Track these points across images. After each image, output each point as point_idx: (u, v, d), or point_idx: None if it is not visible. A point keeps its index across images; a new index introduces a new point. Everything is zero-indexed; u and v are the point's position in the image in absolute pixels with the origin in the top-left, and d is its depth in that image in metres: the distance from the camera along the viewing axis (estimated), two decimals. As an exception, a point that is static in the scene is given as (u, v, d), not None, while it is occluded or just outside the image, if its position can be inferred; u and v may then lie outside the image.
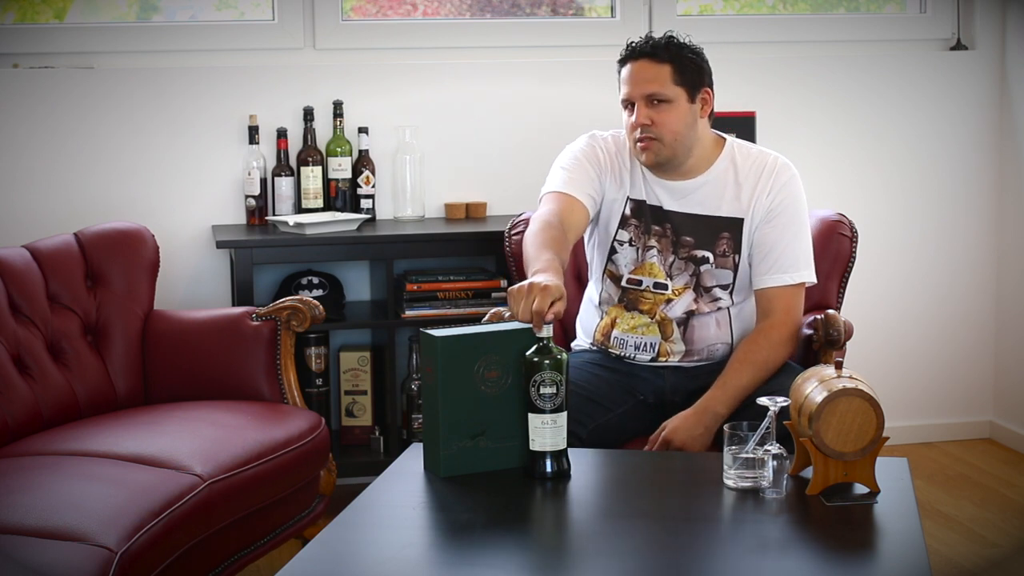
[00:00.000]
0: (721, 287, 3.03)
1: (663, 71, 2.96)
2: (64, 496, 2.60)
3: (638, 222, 3.06)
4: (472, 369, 2.51)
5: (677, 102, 2.97)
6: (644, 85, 2.96)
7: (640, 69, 2.97)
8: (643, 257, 3.05)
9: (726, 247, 3.02)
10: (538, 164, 3.93)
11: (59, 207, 3.97)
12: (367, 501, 2.42)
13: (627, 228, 3.07)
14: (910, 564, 2.13)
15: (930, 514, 3.85)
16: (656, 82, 2.96)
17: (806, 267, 3.03)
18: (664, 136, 2.96)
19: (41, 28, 4.05)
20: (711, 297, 3.03)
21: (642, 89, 2.96)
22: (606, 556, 2.20)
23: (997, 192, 4.58)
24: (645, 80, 2.96)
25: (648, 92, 2.96)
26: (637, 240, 3.06)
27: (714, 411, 2.88)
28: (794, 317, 3.02)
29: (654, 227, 3.05)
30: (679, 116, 2.97)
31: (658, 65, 2.96)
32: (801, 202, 3.04)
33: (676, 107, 2.97)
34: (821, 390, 2.37)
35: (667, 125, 2.96)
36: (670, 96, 2.96)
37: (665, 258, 3.04)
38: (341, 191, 4.06)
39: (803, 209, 3.05)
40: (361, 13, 4.30)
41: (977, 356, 4.64)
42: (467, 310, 3.89)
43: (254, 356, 3.42)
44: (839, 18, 4.59)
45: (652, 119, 2.95)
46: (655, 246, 3.04)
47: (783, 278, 3.00)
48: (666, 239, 3.04)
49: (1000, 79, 4.53)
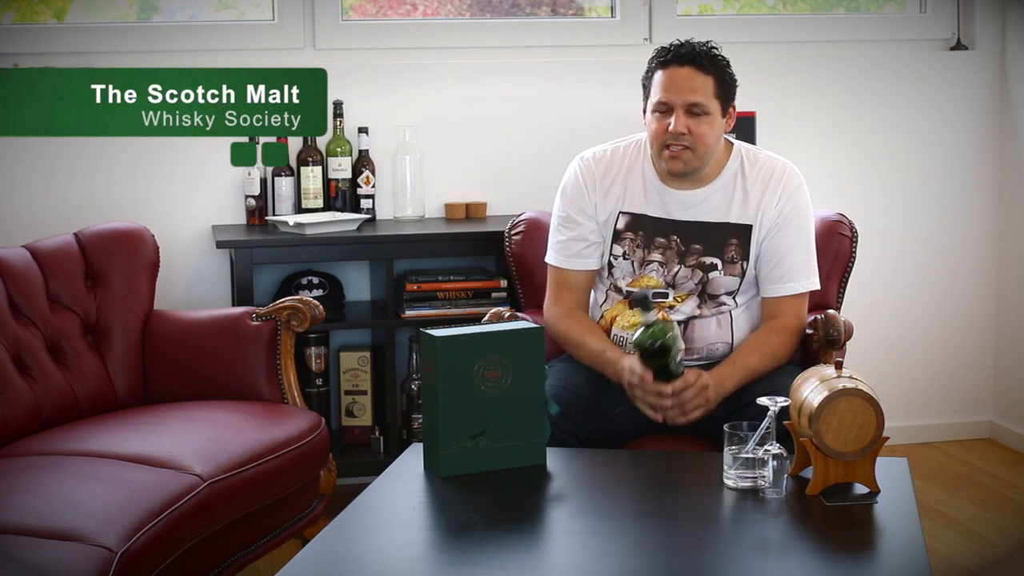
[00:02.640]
0: (727, 294, 3.04)
1: (708, 82, 2.95)
2: (64, 496, 2.60)
3: (634, 235, 3.06)
4: (472, 369, 2.51)
5: (714, 115, 2.97)
6: (688, 93, 2.94)
7: (686, 76, 2.95)
8: (640, 271, 3.05)
9: (734, 253, 3.02)
10: (538, 164, 3.95)
11: (59, 207, 3.97)
12: (367, 501, 2.42)
13: (621, 242, 3.07)
14: (910, 564, 2.13)
15: (930, 514, 3.85)
16: (701, 92, 2.94)
17: (813, 275, 3.08)
18: (698, 147, 2.96)
19: (41, 28, 4.05)
20: (716, 303, 3.04)
21: (685, 97, 2.94)
22: (606, 556, 2.21)
23: (997, 192, 4.58)
24: (691, 88, 2.94)
25: (691, 101, 2.94)
26: (632, 253, 3.06)
27: (721, 385, 2.90)
28: (802, 319, 3.07)
29: (658, 239, 3.05)
30: (713, 129, 2.98)
31: (703, 75, 2.95)
32: (808, 210, 3.07)
33: (713, 120, 2.97)
34: (821, 390, 2.37)
35: (703, 137, 2.96)
36: (710, 108, 2.96)
37: (670, 269, 3.04)
38: (341, 191, 4.06)
39: (810, 217, 3.07)
40: (361, 13, 4.30)
41: (977, 356, 4.64)
42: (467, 310, 3.89)
43: (254, 356, 3.42)
44: (839, 18, 4.58)
45: (690, 128, 2.95)
46: (657, 259, 3.04)
47: (793, 287, 3.03)
48: (671, 250, 3.04)
49: (1000, 79, 4.53)
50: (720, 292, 3.03)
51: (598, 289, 3.14)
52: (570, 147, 3.31)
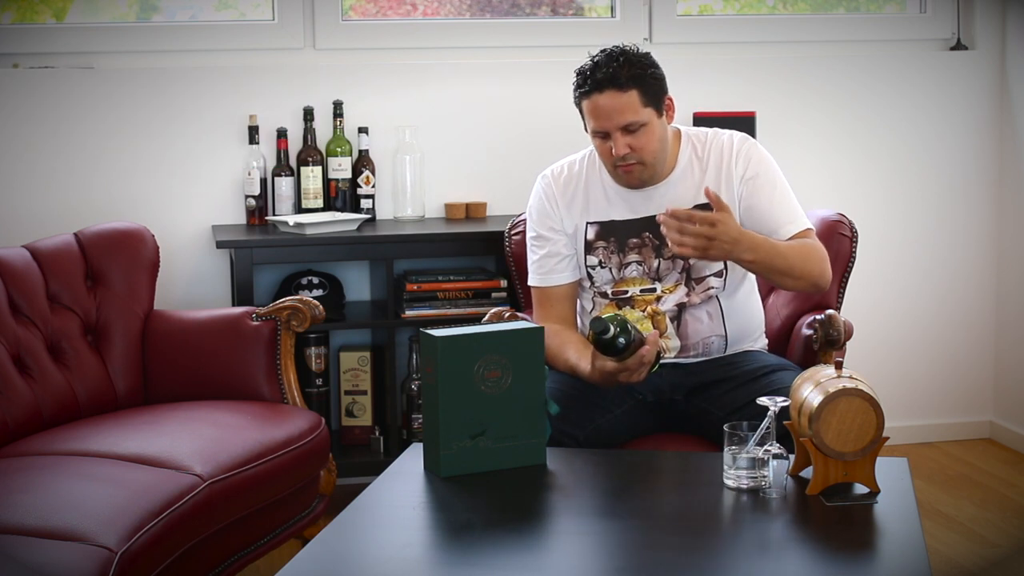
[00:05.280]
0: (714, 275, 3.03)
1: (632, 98, 2.91)
2: (64, 496, 2.60)
3: (606, 243, 3.06)
4: (472, 369, 2.51)
5: (650, 123, 2.95)
6: (617, 117, 2.92)
7: (608, 101, 2.91)
8: (621, 274, 3.05)
9: None
10: (538, 164, 3.92)
11: (59, 207, 3.97)
12: (367, 501, 2.42)
13: (594, 253, 3.07)
14: (910, 564, 2.13)
15: (930, 514, 3.85)
16: (629, 111, 2.91)
17: (800, 216, 3.02)
18: (645, 158, 2.96)
19: (41, 28, 4.05)
20: (704, 286, 3.03)
21: (616, 121, 2.92)
22: (606, 556, 2.21)
23: (997, 192, 4.58)
24: (616, 111, 2.91)
25: (623, 123, 2.92)
26: (608, 261, 3.05)
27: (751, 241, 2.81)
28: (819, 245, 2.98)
29: (631, 240, 3.04)
30: (655, 135, 2.96)
31: (625, 93, 2.91)
32: (769, 163, 3.04)
33: (651, 127, 2.95)
34: (821, 390, 2.37)
35: (647, 147, 2.95)
36: (644, 119, 2.93)
37: (650, 265, 3.03)
38: (341, 191, 4.06)
39: (774, 168, 3.05)
40: (361, 13, 4.30)
41: (977, 356, 4.64)
42: (467, 310, 3.89)
43: (254, 356, 3.42)
44: (839, 18, 4.59)
45: (631, 146, 2.94)
46: (635, 259, 3.04)
47: (788, 229, 2.97)
48: (647, 247, 3.03)
49: (1000, 79, 4.53)
50: (706, 273, 3.02)
51: (583, 297, 3.14)
52: (570, 147, 3.31)
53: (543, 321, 3.08)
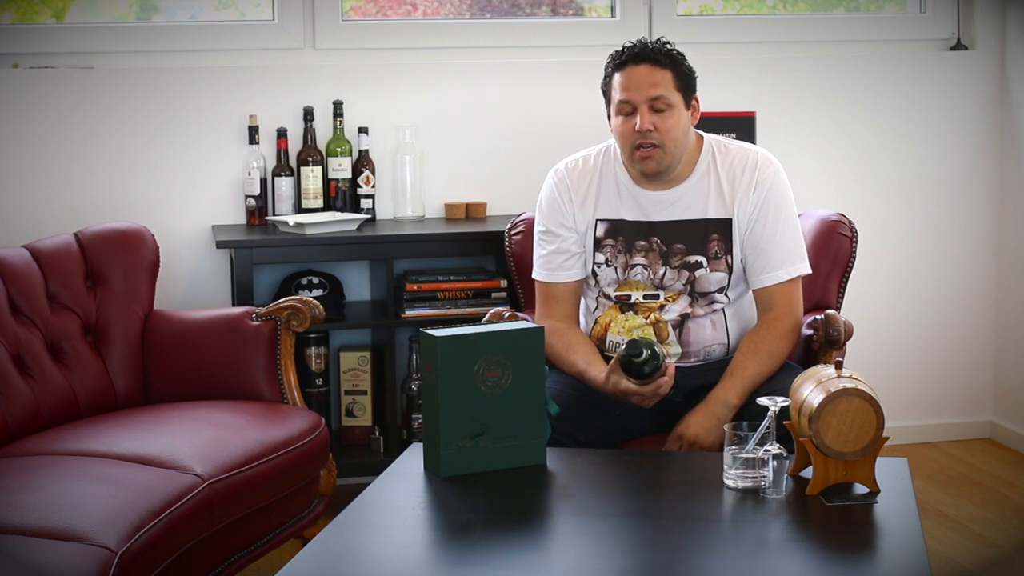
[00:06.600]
0: (718, 291, 3.03)
1: (666, 76, 2.95)
2: (64, 496, 2.60)
3: (614, 242, 3.05)
4: (472, 369, 2.51)
5: (678, 108, 2.96)
6: (648, 89, 2.94)
7: (643, 73, 2.95)
8: (625, 276, 3.04)
9: (718, 249, 3.01)
10: (538, 164, 3.92)
11: (59, 207, 3.97)
12: (367, 501, 2.42)
13: (602, 250, 3.07)
14: (910, 564, 2.13)
15: (930, 514, 3.85)
16: (661, 86, 2.94)
17: (800, 259, 3.03)
18: (667, 143, 2.95)
19: (41, 28, 4.05)
20: (708, 300, 3.03)
21: (646, 93, 2.94)
22: (606, 556, 2.21)
23: (997, 192, 4.58)
24: (650, 83, 2.94)
25: (653, 95, 2.93)
26: (614, 259, 3.05)
27: (725, 400, 2.89)
28: (795, 309, 3.03)
29: (638, 243, 3.04)
30: (679, 122, 2.96)
31: (660, 70, 2.95)
32: (786, 195, 3.04)
33: (677, 113, 2.96)
34: (821, 390, 2.37)
35: (670, 132, 2.95)
36: (673, 101, 2.95)
37: (655, 272, 3.03)
38: (341, 191, 4.06)
39: (789, 202, 3.04)
40: (361, 13, 4.30)
41: (977, 356, 4.64)
42: (467, 310, 3.89)
43: (254, 356, 3.42)
44: (839, 18, 4.58)
45: (655, 125, 2.94)
46: (641, 263, 3.03)
47: (779, 275, 3.00)
48: (654, 252, 3.03)
49: (1000, 79, 4.53)
50: (711, 289, 3.02)
51: (588, 297, 3.13)
52: (570, 147, 3.31)
53: (546, 318, 3.08)
